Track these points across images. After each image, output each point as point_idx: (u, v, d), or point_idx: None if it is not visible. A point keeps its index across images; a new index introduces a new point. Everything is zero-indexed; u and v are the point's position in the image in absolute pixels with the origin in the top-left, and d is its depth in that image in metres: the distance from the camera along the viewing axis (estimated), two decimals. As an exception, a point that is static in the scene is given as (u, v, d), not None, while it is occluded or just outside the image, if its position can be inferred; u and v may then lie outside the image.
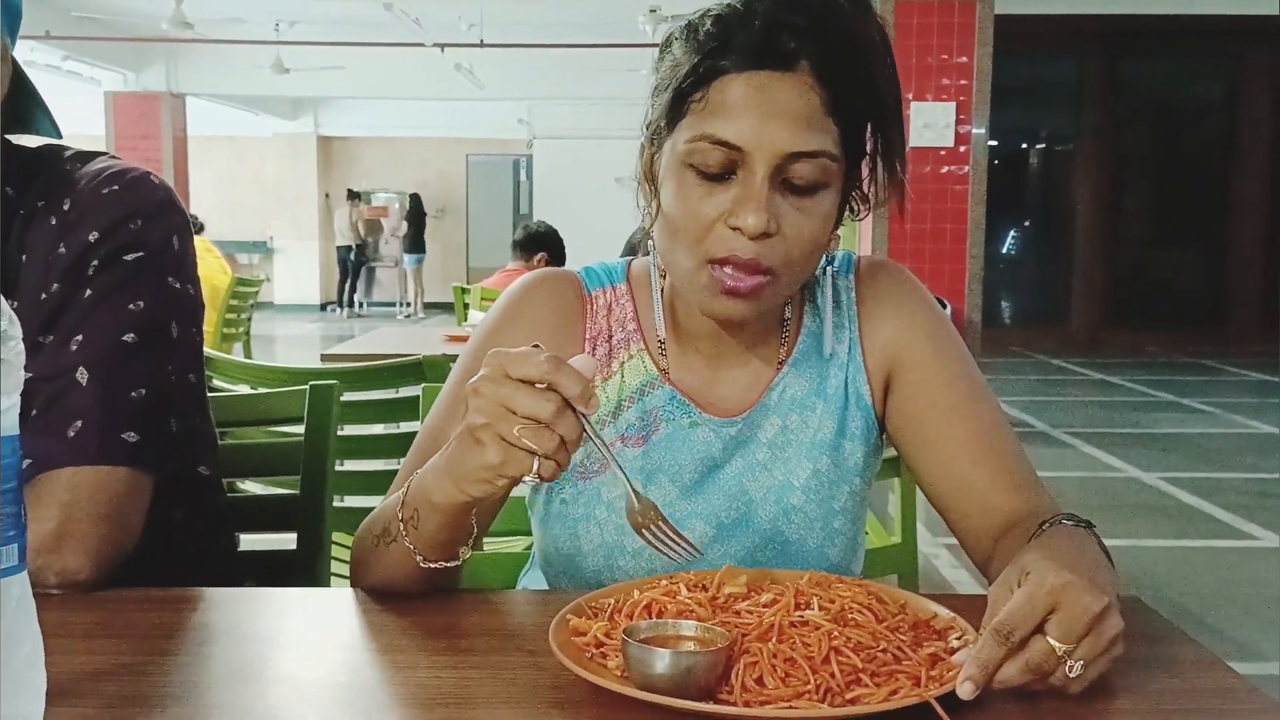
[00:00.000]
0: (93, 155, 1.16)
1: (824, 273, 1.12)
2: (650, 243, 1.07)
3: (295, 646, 0.88)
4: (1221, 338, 9.97)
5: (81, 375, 1.02)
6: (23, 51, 1.18)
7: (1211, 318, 10.24)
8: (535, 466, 0.81)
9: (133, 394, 1.04)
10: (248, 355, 5.83)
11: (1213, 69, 10.52)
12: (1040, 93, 10.58)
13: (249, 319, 5.91)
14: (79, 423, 1.01)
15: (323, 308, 15.52)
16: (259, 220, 15.75)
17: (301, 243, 15.60)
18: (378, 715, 0.74)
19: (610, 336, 1.10)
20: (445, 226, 16.05)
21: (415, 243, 14.93)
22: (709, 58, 0.94)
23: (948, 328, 1.11)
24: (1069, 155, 10.36)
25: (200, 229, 5.79)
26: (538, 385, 0.80)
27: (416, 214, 15.02)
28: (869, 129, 0.99)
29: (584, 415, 0.81)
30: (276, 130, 15.23)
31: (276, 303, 15.26)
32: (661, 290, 1.10)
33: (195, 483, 1.20)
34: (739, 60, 0.93)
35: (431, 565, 0.92)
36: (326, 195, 15.62)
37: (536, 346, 0.83)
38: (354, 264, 15.04)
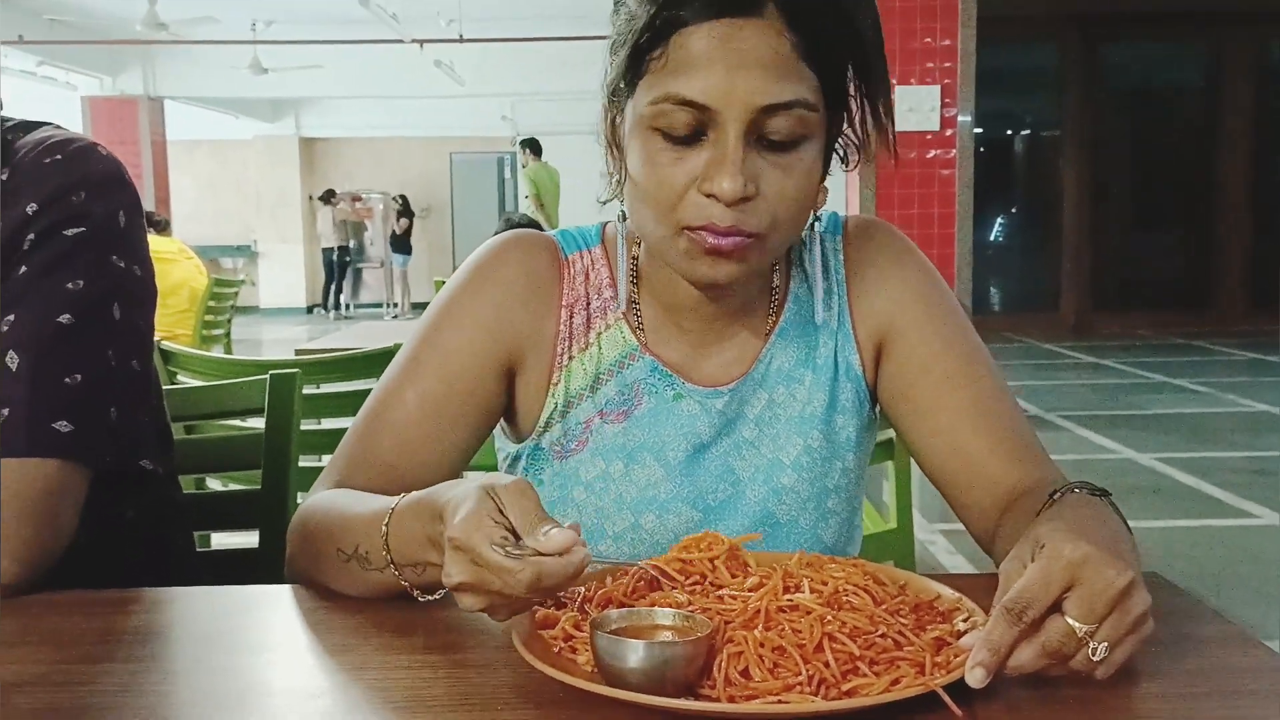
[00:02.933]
0: (36, 125, 1.08)
1: (811, 234, 1.04)
2: (621, 211, 0.99)
3: (236, 648, 0.80)
4: (1210, 319, 9.95)
5: (11, 359, 0.94)
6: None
7: (1199, 299, 10.21)
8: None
9: (67, 380, 0.96)
10: (229, 357, 5.74)
11: (1194, 52, 10.48)
12: (1024, 80, 10.53)
13: (229, 320, 5.81)
14: (6, 411, 0.93)
15: (309, 310, 15.40)
16: (242, 224, 15.61)
17: (286, 246, 15.47)
18: (320, 722, 0.66)
19: (588, 304, 1.02)
20: (430, 226, 15.93)
21: (404, 243, 14.77)
22: (665, 8, 0.85)
23: (942, 289, 1.03)
24: (1054, 142, 10.32)
25: (165, 225, 5.67)
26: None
27: (407, 213, 14.87)
28: (850, 70, 0.90)
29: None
30: (258, 133, 15.11)
31: (262, 306, 15.13)
32: (634, 260, 1.02)
33: (142, 478, 1.12)
34: (698, 9, 0.84)
35: (431, 598, 0.83)
36: (310, 197, 15.49)
37: (517, 498, 0.73)
38: (339, 265, 14.90)
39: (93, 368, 0.98)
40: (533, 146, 11.83)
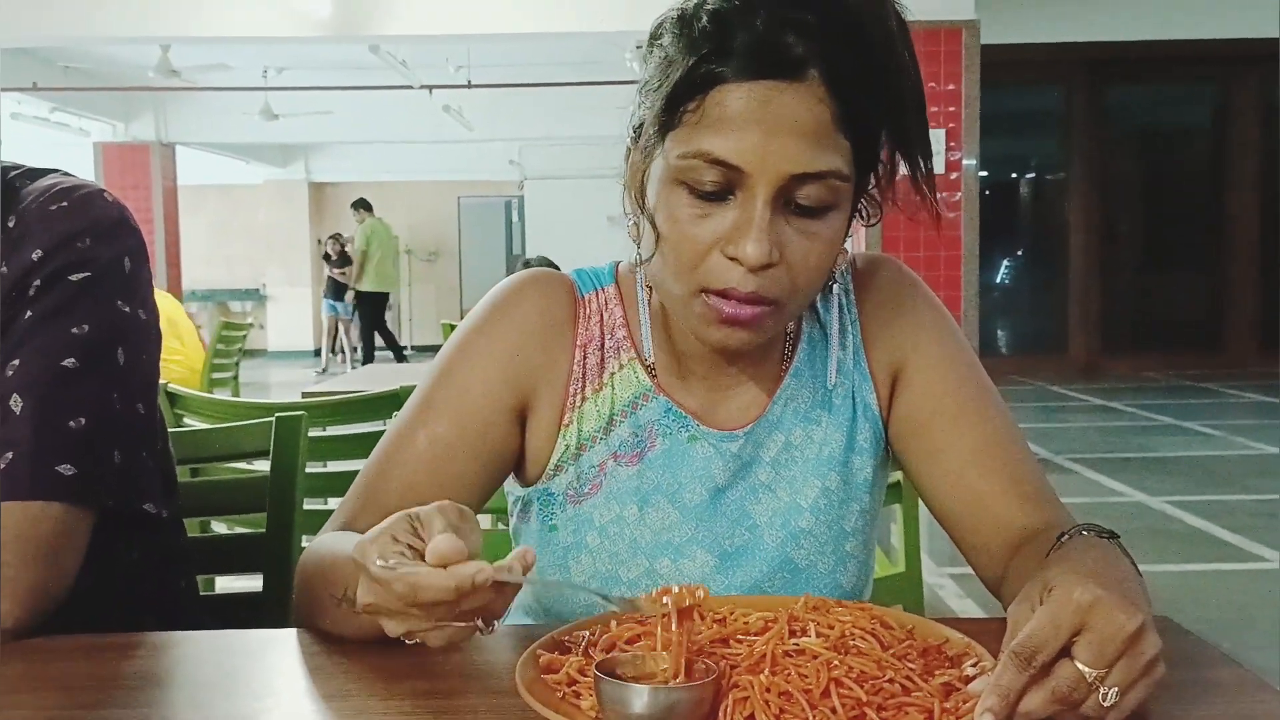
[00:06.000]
0: (43, 172, 1.09)
1: None
2: (637, 255, 0.99)
3: (237, 694, 0.79)
4: (1219, 361, 9.90)
5: (15, 403, 0.94)
6: (9, 104, 1.11)
7: (1208, 341, 10.17)
8: (478, 626, 0.73)
9: (71, 423, 0.96)
10: (236, 400, 5.71)
11: (1199, 93, 10.53)
12: (1029, 123, 10.58)
13: (237, 363, 5.82)
14: (10, 454, 0.93)
15: (316, 353, 15.42)
16: (252, 268, 15.69)
17: (294, 289, 15.54)
18: (321, 769, 0.66)
19: (602, 344, 1.01)
20: (438, 269, 16.00)
21: (338, 287, 13.09)
22: (705, 61, 0.82)
23: (951, 326, 1.03)
24: (1060, 184, 10.34)
25: None
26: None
27: (343, 260, 13.21)
28: (883, 135, 0.88)
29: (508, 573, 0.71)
30: (268, 177, 15.22)
31: (270, 350, 15.17)
32: (649, 303, 1.01)
33: (144, 521, 1.11)
34: (739, 68, 0.81)
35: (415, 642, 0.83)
36: (319, 241, 15.57)
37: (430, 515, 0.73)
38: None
39: (97, 411, 0.98)
40: (365, 205, 11.94)
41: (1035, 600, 0.68)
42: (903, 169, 0.91)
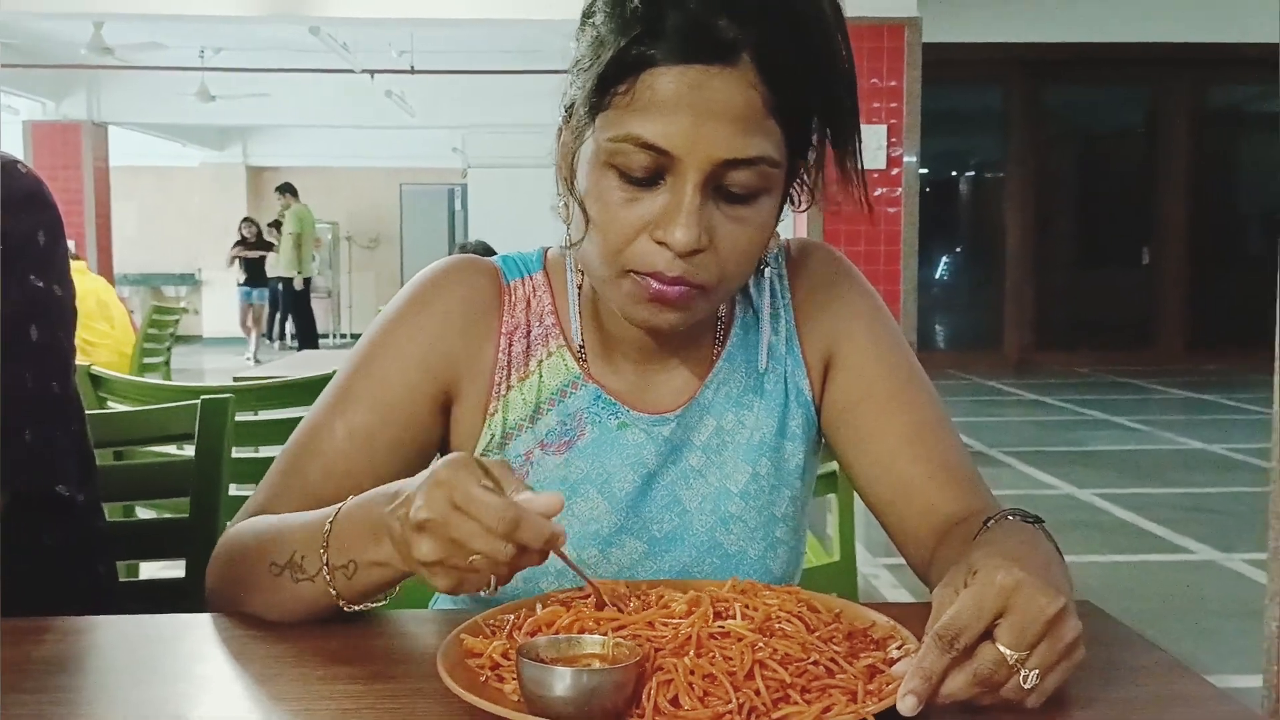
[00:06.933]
0: None
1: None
2: (566, 238, 0.98)
3: (151, 679, 0.77)
4: (1149, 358, 10.13)
5: None
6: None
7: (1139, 339, 10.41)
8: (492, 586, 0.73)
9: None
10: (168, 386, 5.58)
11: (1133, 95, 10.75)
12: (968, 121, 10.72)
13: (168, 348, 5.69)
14: (-85, 433, 0.89)
15: (254, 340, 15.18)
16: (187, 252, 15.39)
17: (231, 274, 15.27)
18: (234, 755, 0.64)
19: (528, 331, 1.00)
20: (380, 256, 15.82)
21: (256, 272, 13.01)
22: (637, 43, 0.80)
23: (884, 313, 1.03)
24: (998, 182, 10.51)
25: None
26: None
27: (260, 244, 12.99)
28: (815, 120, 0.87)
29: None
30: (204, 160, 14.94)
31: (205, 336, 14.90)
32: (579, 288, 1.01)
33: (60, 505, 1.08)
34: (670, 51, 0.80)
35: (355, 609, 0.82)
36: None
37: (503, 470, 0.73)
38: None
39: (8, 389, 0.95)
40: (290, 190, 11.89)
41: (959, 584, 0.68)
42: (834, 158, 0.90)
